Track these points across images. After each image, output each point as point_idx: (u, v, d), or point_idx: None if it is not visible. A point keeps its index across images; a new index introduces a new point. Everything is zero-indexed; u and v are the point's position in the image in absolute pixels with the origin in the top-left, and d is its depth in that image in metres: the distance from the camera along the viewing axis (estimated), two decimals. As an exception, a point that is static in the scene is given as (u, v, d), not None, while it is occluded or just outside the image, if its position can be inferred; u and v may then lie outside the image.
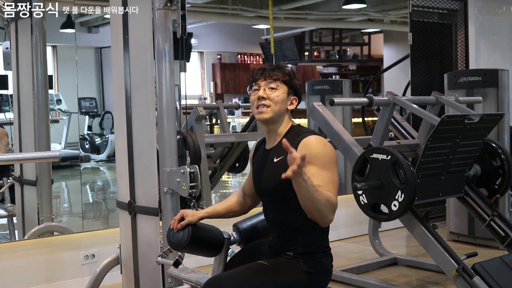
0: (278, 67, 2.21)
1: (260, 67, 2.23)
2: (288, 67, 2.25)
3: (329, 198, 1.96)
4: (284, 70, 2.20)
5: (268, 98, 2.15)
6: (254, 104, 2.19)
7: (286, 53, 9.75)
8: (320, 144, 2.06)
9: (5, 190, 4.25)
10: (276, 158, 2.15)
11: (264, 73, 2.19)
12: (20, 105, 4.20)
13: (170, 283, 2.72)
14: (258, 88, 2.18)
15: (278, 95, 2.16)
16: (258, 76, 2.19)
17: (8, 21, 4.17)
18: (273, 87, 2.17)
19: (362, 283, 3.73)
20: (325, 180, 2.00)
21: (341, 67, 11.65)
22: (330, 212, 1.97)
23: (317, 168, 2.01)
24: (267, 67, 2.20)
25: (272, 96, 2.15)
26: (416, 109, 3.39)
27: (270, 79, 2.17)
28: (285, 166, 1.90)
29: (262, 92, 2.16)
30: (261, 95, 2.16)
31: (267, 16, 6.30)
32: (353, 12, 9.07)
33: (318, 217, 1.99)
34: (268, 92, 2.16)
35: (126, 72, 2.94)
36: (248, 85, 2.24)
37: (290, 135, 2.16)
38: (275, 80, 2.17)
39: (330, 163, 2.04)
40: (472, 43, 6.07)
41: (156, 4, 2.71)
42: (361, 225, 4.79)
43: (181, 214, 2.24)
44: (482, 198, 3.54)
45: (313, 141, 2.07)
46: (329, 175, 2.02)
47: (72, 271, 3.78)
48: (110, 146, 8.39)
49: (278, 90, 2.17)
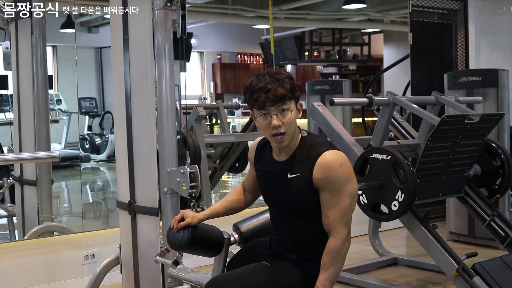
0: (279, 81, 2.01)
1: (259, 85, 2.01)
2: (285, 73, 2.06)
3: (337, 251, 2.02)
4: (286, 84, 2.01)
5: (283, 124, 2.01)
6: (267, 130, 2.04)
7: (286, 53, 9.74)
8: (335, 166, 1.99)
9: (5, 190, 4.25)
10: (290, 174, 2.07)
11: (268, 96, 1.98)
12: (20, 105, 4.20)
13: (170, 283, 2.72)
14: (268, 115, 2.01)
15: (291, 116, 2.02)
16: (263, 99, 1.99)
17: (8, 21, 4.17)
18: (284, 109, 2.01)
19: (362, 283, 3.73)
20: (334, 210, 2.01)
21: (341, 67, 11.65)
22: (346, 246, 2.06)
23: (329, 195, 2.01)
24: (269, 86, 1.99)
25: (286, 121, 2.01)
26: (416, 109, 3.39)
27: (279, 102, 1.99)
28: (301, 185, 2.01)
29: (275, 121, 2.00)
30: (275, 125, 2.00)
31: (267, 16, 6.30)
32: (353, 12, 9.06)
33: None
34: (281, 118, 2.01)
35: (126, 72, 2.94)
36: (249, 104, 2.06)
37: (303, 147, 2.08)
38: (284, 102, 2.00)
39: (344, 185, 2.00)
40: (472, 43, 6.07)
41: (156, 4, 2.71)
42: (361, 225, 4.78)
43: (181, 214, 2.24)
44: (482, 198, 3.54)
45: (328, 163, 1.99)
46: (339, 200, 2.01)
47: (72, 271, 3.78)
48: (110, 146, 8.39)
49: (288, 110, 2.02)
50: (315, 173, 2.00)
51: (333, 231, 2.03)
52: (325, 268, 2.02)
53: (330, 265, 2.01)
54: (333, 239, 2.03)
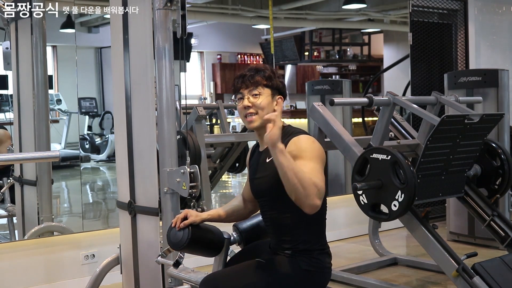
0: (257, 71, 2.21)
1: (240, 74, 2.24)
2: (268, 68, 2.25)
3: (314, 180, 1.95)
4: (264, 73, 2.20)
5: (253, 105, 2.17)
6: (241, 113, 2.21)
7: (286, 53, 9.75)
8: (309, 141, 2.10)
9: (5, 190, 4.25)
10: (268, 158, 2.16)
11: (244, 81, 2.20)
12: (20, 105, 4.20)
13: (170, 283, 2.72)
14: (242, 97, 2.20)
15: (262, 100, 2.18)
16: (239, 84, 2.21)
17: (8, 21, 4.17)
18: (256, 93, 2.18)
19: (362, 283, 3.73)
20: (313, 170, 2.00)
21: (341, 67, 11.65)
22: (315, 195, 1.93)
23: (304, 161, 2.03)
24: (246, 73, 2.21)
25: (257, 103, 2.17)
26: (416, 109, 3.39)
27: (252, 86, 2.18)
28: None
29: (246, 101, 2.18)
30: (246, 105, 2.18)
31: (267, 16, 6.30)
32: (353, 12, 9.06)
33: (303, 199, 1.93)
34: (252, 100, 2.18)
35: (126, 72, 2.94)
36: (232, 94, 2.26)
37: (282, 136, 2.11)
38: (256, 87, 2.18)
39: (318, 157, 2.06)
40: (472, 43, 6.07)
41: (156, 4, 2.71)
42: (361, 225, 4.79)
43: (185, 213, 2.25)
44: (482, 198, 3.54)
45: (302, 138, 2.11)
46: (317, 167, 2.02)
47: (72, 271, 3.78)
48: (110, 146, 8.40)
49: (261, 95, 2.18)
50: (289, 148, 2.06)
51: None
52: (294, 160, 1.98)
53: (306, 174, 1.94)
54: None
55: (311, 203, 1.94)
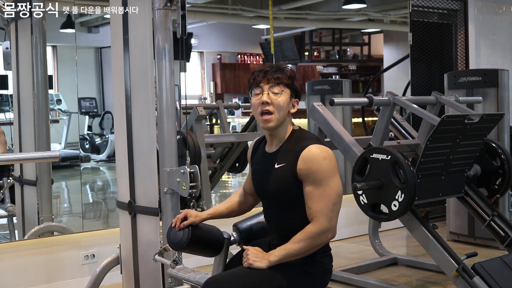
0: (280, 69, 2.13)
1: (261, 68, 2.14)
2: (289, 67, 2.18)
3: (323, 226, 2.01)
4: (286, 72, 2.13)
5: (272, 103, 2.09)
6: (257, 109, 2.12)
7: (286, 53, 9.74)
8: (319, 158, 2.03)
9: (5, 190, 4.25)
10: (278, 164, 2.12)
11: (266, 76, 2.11)
12: (20, 105, 4.20)
13: (170, 283, 2.72)
14: (261, 92, 2.11)
15: (283, 100, 2.10)
16: (260, 78, 2.11)
17: (8, 21, 4.16)
18: (276, 91, 2.10)
19: (362, 283, 3.73)
20: (324, 209, 2.01)
21: (341, 67, 11.64)
22: (328, 237, 2.04)
23: (312, 187, 2.03)
24: (268, 69, 2.12)
25: (276, 102, 2.10)
26: (416, 109, 3.39)
27: (273, 83, 2.10)
28: (286, 174, 2.05)
29: (266, 97, 2.10)
30: (265, 100, 2.09)
31: (267, 16, 6.30)
32: (353, 12, 9.06)
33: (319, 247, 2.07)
34: (272, 97, 2.10)
35: (126, 72, 2.94)
36: (249, 87, 2.17)
37: (291, 140, 2.14)
38: (278, 84, 2.10)
39: (327, 178, 2.02)
40: (472, 43, 6.07)
41: (156, 4, 2.71)
42: (361, 225, 4.78)
43: (184, 213, 2.24)
44: (482, 198, 3.54)
45: (312, 155, 2.04)
46: (322, 193, 2.02)
47: (72, 271, 3.78)
48: (110, 146, 8.39)
49: (282, 95, 2.11)
50: (299, 164, 2.04)
51: (314, 221, 2.04)
52: (290, 242, 2.04)
53: (296, 242, 2.03)
54: (311, 225, 2.04)
55: (325, 242, 2.07)
